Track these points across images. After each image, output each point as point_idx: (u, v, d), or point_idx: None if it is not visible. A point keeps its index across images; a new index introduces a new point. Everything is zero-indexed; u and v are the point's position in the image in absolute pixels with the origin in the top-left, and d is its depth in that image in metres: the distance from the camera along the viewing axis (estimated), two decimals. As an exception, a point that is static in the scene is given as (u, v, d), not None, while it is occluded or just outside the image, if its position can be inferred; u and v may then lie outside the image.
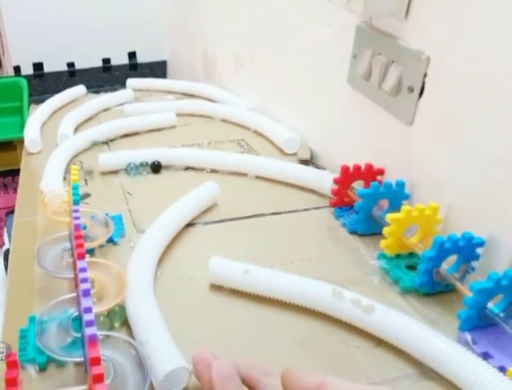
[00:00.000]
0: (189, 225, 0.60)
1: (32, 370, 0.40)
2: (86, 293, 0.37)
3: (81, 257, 0.42)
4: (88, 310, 0.35)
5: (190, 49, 1.35)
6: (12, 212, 1.32)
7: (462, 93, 0.50)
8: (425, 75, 0.54)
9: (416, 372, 0.40)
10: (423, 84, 0.54)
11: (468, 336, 0.42)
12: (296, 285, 0.46)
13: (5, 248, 1.22)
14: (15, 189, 1.40)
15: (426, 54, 0.53)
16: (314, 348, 0.43)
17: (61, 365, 0.41)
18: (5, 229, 1.28)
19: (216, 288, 0.50)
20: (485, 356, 0.40)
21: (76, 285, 0.43)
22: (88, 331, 0.33)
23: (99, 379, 0.30)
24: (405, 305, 0.48)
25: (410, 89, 0.55)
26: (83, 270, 0.40)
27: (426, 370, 0.40)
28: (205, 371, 0.34)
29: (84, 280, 0.38)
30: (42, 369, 0.40)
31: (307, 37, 0.78)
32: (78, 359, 0.37)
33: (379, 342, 0.43)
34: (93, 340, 0.32)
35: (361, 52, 0.62)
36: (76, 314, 0.42)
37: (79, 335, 0.39)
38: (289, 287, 0.46)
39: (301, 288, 0.46)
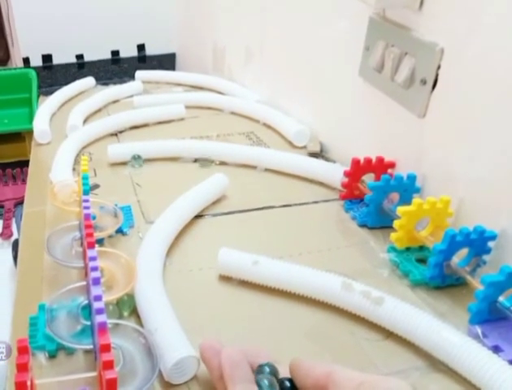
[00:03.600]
0: (198, 216, 0.60)
1: (41, 357, 0.40)
2: (96, 282, 0.37)
3: (91, 246, 0.42)
4: (98, 298, 0.35)
5: (199, 42, 1.35)
6: (21, 203, 1.33)
7: (475, 85, 0.50)
8: (438, 68, 0.53)
9: (425, 364, 0.40)
10: (437, 76, 0.53)
11: (478, 329, 0.42)
12: (305, 277, 0.46)
13: (13, 238, 1.23)
14: (24, 180, 1.41)
15: (440, 46, 0.52)
16: (323, 340, 0.43)
17: (70, 352, 0.41)
18: (13, 220, 1.29)
19: (225, 278, 0.50)
20: (495, 349, 0.40)
21: (86, 274, 0.43)
22: (99, 318, 0.33)
23: (109, 365, 0.30)
24: (415, 298, 0.47)
25: (423, 82, 0.54)
26: (93, 258, 0.40)
27: (435, 363, 0.40)
28: (213, 358, 0.35)
29: (95, 269, 0.38)
30: (52, 356, 0.40)
31: (318, 29, 0.77)
32: (88, 346, 0.38)
33: (389, 334, 0.43)
34: (103, 327, 0.33)
35: (374, 44, 0.62)
36: (86, 302, 0.42)
37: (88, 323, 0.40)
38: (299, 278, 0.46)
39: (310, 279, 0.46)
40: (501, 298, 0.41)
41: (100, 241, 0.54)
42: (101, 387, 0.32)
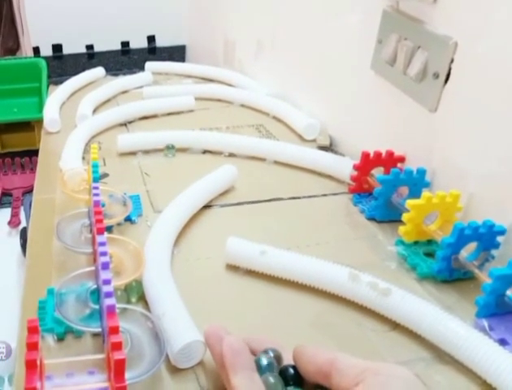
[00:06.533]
0: (206, 207, 0.60)
1: (50, 339, 0.41)
2: (105, 266, 0.37)
3: (101, 231, 0.42)
4: (107, 282, 0.35)
5: (210, 34, 1.35)
6: (29, 192, 1.34)
7: (488, 80, 0.49)
8: (451, 61, 0.53)
9: (431, 356, 0.40)
10: (449, 70, 0.53)
11: (485, 323, 0.42)
12: (312, 267, 0.46)
13: (21, 227, 1.23)
14: (32, 170, 1.41)
15: (453, 40, 0.52)
16: (329, 330, 0.43)
17: (78, 335, 0.41)
18: (21, 208, 1.30)
19: (232, 268, 0.50)
20: (502, 342, 0.40)
21: (95, 260, 0.44)
22: (107, 301, 0.33)
23: (118, 346, 0.30)
24: (422, 291, 0.47)
25: (436, 75, 0.54)
26: (102, 244, 0.40)
27: (441, 355, 0.40)
28: (216, 345, 0.35)
29: (104, 254, 0.39)
30: (60, 339, 0.41)
31: (331, 22, 0.77)
32: (96, 329, 0.38)
33: (395, 326, 0.43)
34: (111, 310, 0.33)
35: (386, 37, 0.61)
36: (94, 287, 0.42)
37: (97, 307, 0.40)
38: (306, 268, 0.46)
39: (317, 269, 0.46)
40: (508, 292, 0.41)
41: (109, 229, 0.54)
42: (109, 369, 0.32)
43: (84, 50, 1.52)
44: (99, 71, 1.07)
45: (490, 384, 0.37)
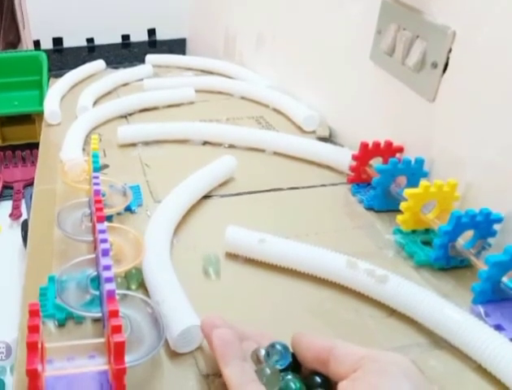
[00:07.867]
0: (206, 197, 0.60)
1: (51, 325, 0.41)
2: (105, 253, 0.38)
3: (101, 219, 0.42)
4: (108, 268, 0.36)
5: (210, 27, 1.35)
6: (30, 184, 1.34)
7: (486, 69, 0.50)
8: (450, 51, 0.53)
9: (427, 341, 0.41)
10: (448, 59, 0.53)
11: (481, 309, 0.42)
12: (311, 255, 0.47)
13: (22, 219, 1.24)
14: (33, 162, 1.42)
15: (452, 29, 0.52)
16: (327, 317, 0.44)
17: (79, 321, 0.42)
18: (22, 201, 1.30)
19: (231, 256, 0.50)
20: (497, 328, 0.40)
21: (95, 247, 0.44)
22: (107, 286, 0.34)
23: (117, 329, 0.31)
24: (419, 278, 0.48)
25: (434, 65, 0.54)
26: (102, 231, 0.41)
27: (437, 340, 0.41)
28: (211, 335, 0.35)
29: (104, 241, 0.39)
30: (61, 325, 0.41)
31: (331, 13, 0.77)
32: (96, 314, 0.38)
33: (392, 312, 0.43)
34: (111, 294, 0.33)
35: (385, 27, 0.62)
36: (95, 273, 0.43)
37: (97, 292, 0.40)
38: (304, 256, 0.47)
39: (316, 257, 0.46)
40: (504, 279, 0.42)
41: (109, 218, 0.54)
42: (109, 353, 0.32)
43: (84, 43, 1.51)
44: (99, 63, 1.07)
45: (485, 368, 0.37)
